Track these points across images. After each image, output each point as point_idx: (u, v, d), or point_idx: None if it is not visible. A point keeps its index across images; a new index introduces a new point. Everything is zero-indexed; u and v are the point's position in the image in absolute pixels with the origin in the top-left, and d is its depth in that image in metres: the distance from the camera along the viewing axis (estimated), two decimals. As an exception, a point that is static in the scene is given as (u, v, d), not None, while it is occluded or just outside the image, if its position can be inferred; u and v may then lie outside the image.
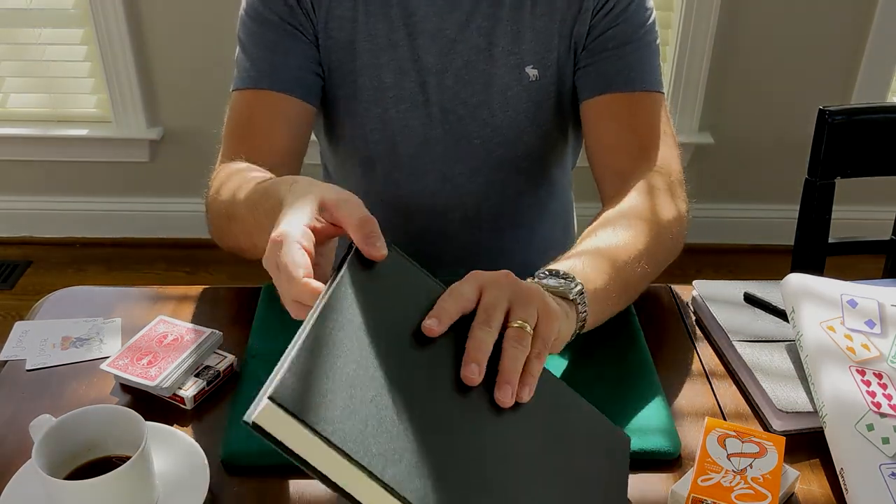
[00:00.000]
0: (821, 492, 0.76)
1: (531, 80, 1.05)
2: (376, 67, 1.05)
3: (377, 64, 1.05)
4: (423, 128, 1.08)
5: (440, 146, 1.09)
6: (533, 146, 1.10)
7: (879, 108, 1.26)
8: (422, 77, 1.05)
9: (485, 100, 1.06)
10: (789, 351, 0.89)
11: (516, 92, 1.05)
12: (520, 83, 1.05)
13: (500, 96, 1.06)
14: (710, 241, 2.62)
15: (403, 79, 1.05)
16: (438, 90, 1.06)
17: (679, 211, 0.99)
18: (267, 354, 0.89)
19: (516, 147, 1.09)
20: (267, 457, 0.77)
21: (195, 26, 2.34)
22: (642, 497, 0.75)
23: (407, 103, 1.06)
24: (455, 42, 1.04)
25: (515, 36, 1.04)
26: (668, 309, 1.01)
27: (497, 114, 1.06)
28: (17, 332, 0.95)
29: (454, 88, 1.05)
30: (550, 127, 1.09)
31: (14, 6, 2.35)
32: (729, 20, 2.33)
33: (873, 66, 2.38)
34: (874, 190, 2.24)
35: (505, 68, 1.04)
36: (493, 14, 1.03)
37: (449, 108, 1.07)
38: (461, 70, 1.05)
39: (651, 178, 0.99)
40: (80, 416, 0.72)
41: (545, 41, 1.04)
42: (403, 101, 1.06)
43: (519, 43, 1.04)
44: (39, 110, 2.51)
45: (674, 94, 2.42)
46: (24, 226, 2.66)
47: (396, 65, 1.05)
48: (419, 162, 1.10)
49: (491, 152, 1.10)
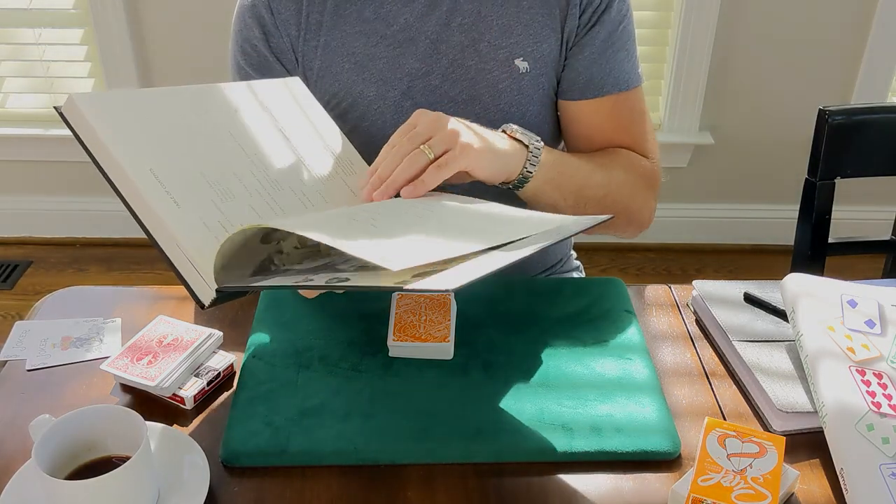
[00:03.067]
0: (821, 492, 0.76)
1: (521, 73, 1.05)
2: (357, 84, 1.06)
3: (358, 80, 1.05)
4: None
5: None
6: None
7: (879, 108, 1.26)
8: (405, 83, 1.05)
9: (475, 95, 1.06)
10: (789, 351, 0.89)
11: (507, 85, 1.06)
12: (510, 76, 1.05)
13: (491, 90, 1.06)
14: (710, 241, 2.62)
15: (386, 89, 1.05)
16: (425, 92, 1.06)
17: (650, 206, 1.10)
18: (267, 354, 0.89)
19: None
20: (267, 457, 0.78)
21: (195, 27, 2.34)
22: (642, 497, 0.75)
23: (391, 111, 1.06)
24: (437, 43, 1.04)
25: (504, 29, 1.04)
26: (668, 309, 1.01)
27: (489, 108, 1.06)
28: (17, 332, 0.95)
29: (442, 88, 1.06)
30: (541, 119, 1.10)
31: (14, 6, 2.35)
32: (729, 20, 2.33)
33: (873, 66, 2.38)
34: (874, 190, 2.25)
35: (494, 62, 1.05)
36: (475, 10, 1.03)
37: (439, 107, 1.06)
38: (447, 69, 1.05)
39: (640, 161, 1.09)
40: (80, 416, 0.72)
41: (535, 33, 1.04)
42: (387, 110, 1.06)
43: (507, 36, 1.04)
44: (39, 110, 2.51)
45: (674, 94, 2.42)
46: (24, 226, 2.66)
47: (377, 77, 1.05)
48: None
49: None
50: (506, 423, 0.81)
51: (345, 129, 1.08)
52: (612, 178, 1.04)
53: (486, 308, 0.97)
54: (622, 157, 1.08)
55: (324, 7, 1.04)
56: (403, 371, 0.87)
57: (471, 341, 0.91)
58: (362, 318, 0.95)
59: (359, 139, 1.08)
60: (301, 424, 0.80)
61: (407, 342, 0.88)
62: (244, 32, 1.06)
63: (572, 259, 1.31)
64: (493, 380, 0.86)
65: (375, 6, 1.04)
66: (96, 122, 0.79)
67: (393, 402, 0.83)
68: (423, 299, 0.93)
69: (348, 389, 0.85)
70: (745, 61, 2.40)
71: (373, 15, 1.04)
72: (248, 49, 1.06)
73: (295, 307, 0.96)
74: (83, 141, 0.80)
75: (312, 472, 0.77)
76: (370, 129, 1.07)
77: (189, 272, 0.77)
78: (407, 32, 1.04)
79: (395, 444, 0.79)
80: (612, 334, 0.93)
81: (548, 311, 0.97)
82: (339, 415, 0.81)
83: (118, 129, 0.80)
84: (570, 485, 0.76)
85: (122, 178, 0.79)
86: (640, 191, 1.08)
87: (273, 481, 0.76)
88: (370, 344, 0.91)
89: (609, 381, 0.87)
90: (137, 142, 0.81)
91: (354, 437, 0.79)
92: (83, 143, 0.80)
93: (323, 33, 1.05)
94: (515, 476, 0.77)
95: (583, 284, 1.05)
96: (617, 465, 0.78)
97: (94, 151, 0.80)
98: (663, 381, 0.88)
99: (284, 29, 1.05)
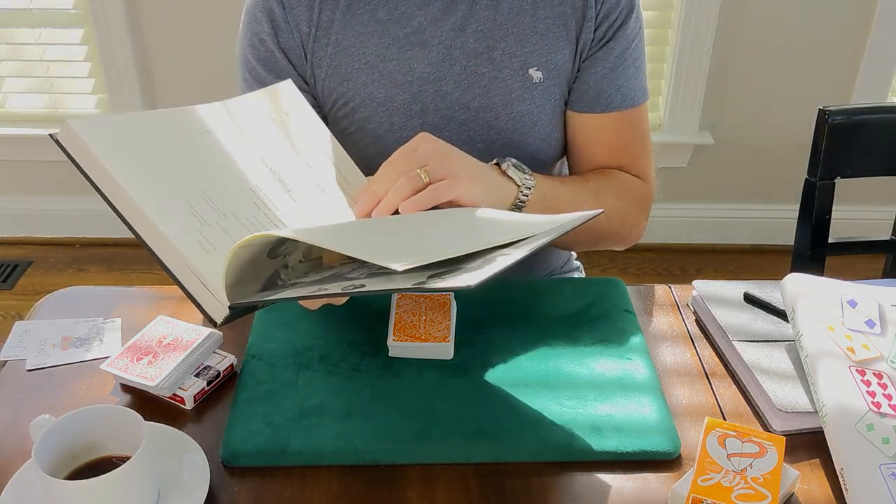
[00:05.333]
0: (821, 492, 0.76)
1: (535, 83, 1.05)
2: (367, 84, 1.05)
3: (368, 81, 1.05)
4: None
5: None
6: (536, 148, 1.10)
7: (879, 108, 1.26)
8: (416, 87, 1.05)
9: (487, 103, 1.05)
10: (789, 351, 0.89)
11: (520, 94, 1.05)
12: (523, 85, 1.05)
13: (504, 98, 1.05)
14: (710, 241, 2.62)
15: (396, 91, 1.05)
16: (437, 98, 1.05)
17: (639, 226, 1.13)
18: (267, 354, 0.89)
19: (520, 149, 1.09)
20: (267, 457, 0.78)
21: (195, 26, 2.34)
22: (642, 497, 0.75)
23: (400, 115, 1.06)
24: (451, 48, 1.04)
25: (519, 38, 1.03)
26: (668, 309, 1.01)
27: (500, 116, 1.06)
28: (17, 332, 0.95)
29: (453, 94, 1.05)
30: (552, 128, 1.09)
31: (14, 6, 2.35)
32: (729, 20, 2.33)
33: (873, 66, 2.38)
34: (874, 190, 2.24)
35: (508, 70, 1.04)
36: (491, 17, 1.03)
37: (450, 114, 1.06)
38: (460, 75, 1.04)
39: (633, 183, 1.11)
40: (80, 416, 0.72)
41: (550, 44, 1.04)
42: (396, 113, 1.06)
43: (522, 45, 1.04)
44: (39, 110, 2.51)
45: (674, 94, 2.42)
46: (24, 226, 2.66)
47: (388, 79, 1.05)
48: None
49: (494, 155, 1.10)
50: (506, 423, 0.81)
51: (350, 128, 1.07)
52: (604, 205, 1.04)
53: (486, 308, 0.97)
54: (615, 182, 1.09)
55: (336, 5, 1.04)
56: (403, 371, 0.87)
57: (471, 341, 0.91)
58: (362, 318, 0.95)
59: (364, 140, 1.08)
60: (301, 424, 0.80)
61: (407, 342, 0.88)
62: (253, 26, 1.06)
63: (573, 259, 1.32)
64: (493, 380, 0.86)
65: (390, 7, 1.03)
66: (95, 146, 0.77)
67: (393, 402, 0.83)
68: (423, 299, 0.93)
69: (348, 389, 0.85)
70: (745, 61, 2.40)
71: (387, 16, 1.03)
72: (257, 43, 1.06)
73: (295, 307, 0.96)
74: (81, 167, 0.77)
75: (312, 472, 0.77)
76: (377, 131, 1.07)
77: (200, 292, 0.76)
78: (420, 35, 1.03)
79: (395, 444, 0.79)
80: (612, 334, 0.93)
81: (548, 311, 0.97)
82: (339, 415, 0.81)
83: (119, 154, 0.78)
84: (570, 485, 0.76)
85: (128, 205, 0.77)
86: (632, 213, 1.11)
87: (273, 481, 0.76)
88: (370, 344, 0.91)
89: (609, 381, 0.87)
90: (140, 165, 0.79)
91: (354, 437, 0.79)
92: (81, 169, 0.77)
93: (334, 31, 1.04)
94: (515, 476, 0.77)
95: (583, 284, 1.05)
96: (617, 465, 0.78)
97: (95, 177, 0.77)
98: (663, 381, 0.88)
99: (295, 25, 1.04)
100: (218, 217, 0.80)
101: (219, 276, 0.73)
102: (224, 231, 0.79)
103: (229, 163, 0.86)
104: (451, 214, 0.87)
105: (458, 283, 0.66)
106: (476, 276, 0.67)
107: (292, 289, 0.75)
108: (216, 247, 0.77)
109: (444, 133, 1.07)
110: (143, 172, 0.79)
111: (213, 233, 0.79)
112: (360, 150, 1.06)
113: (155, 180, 0.79)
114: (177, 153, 0.83)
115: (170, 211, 0.78)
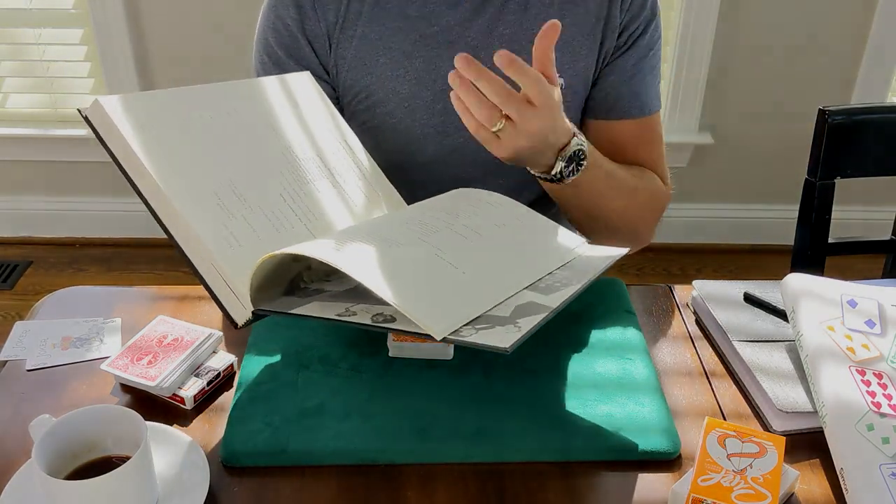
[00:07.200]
0: (821, 492, 0.76)
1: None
2: (391, 80, 1.05)
3: (392, 76, 1.05)
4: (439, 136, 1.08)
5: (457, 154, 1.09)
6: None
7: (879, 108, 1.26)
8: (439, 85, 1.05)
9: None
10: (789, 351, 0.89)
11: None
12: None
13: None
14: (710, 241, 2.62)
15: (420, 89, 1.05)
16: None
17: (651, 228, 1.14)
18: (267, 354, 0.89)
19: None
20: (267, 457, 0.78)
21: (195, 26, 2.34)
22: (642, 497, 0.75)
23: (423, 112, 1.06)
24: (477, 49, 1.03)
25: None
26: (668, 309, 1.01)
27: None
28: (17, 332, 0.95)
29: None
30: None
31: (14, 6, 2.35)
32: (729, 20, 2.33)
33: (873, 66, 2.38)
34: (874, 190, 2.25)
35: None
36: (518, 21, 1.03)
37: None
38: None
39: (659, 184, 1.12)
40: (80, 416, 0.72)
41: (574, 50, 1.04)
42: (419, 110, 1.06)
43: None
44: (39, 110, 2.51)
45: (674, 94, 2.42)
46: (24, 226, 2.66)
47: (413, 75, 1.05)
48: (435, 168, 1.10)
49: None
50: (506, 423, 0.81)
51: (370, 122, 1.07)
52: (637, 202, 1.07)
53: (486, 308, 0.97)
54: (647, 177, 1.10)
55: None
56: (403, 371, 0.87)
57: (471, 341, 0.91)
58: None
59: (383, 134, 1.07)
60: (301, 424, 0.80)
61: (407, 342, 0.88)
62: (279, 9, 1.05)
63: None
64: (492, 380, 0.86)
65: (419, 4, 1.03)
66: (126, 129, 0.75)
67: (393, 402, 0.83)
68: None
69: (348, 389, 0.85)
70: (745, 61, 2.40)
71: (416, 13, 1.03)
72: (280, 27, 1.05)
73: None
74: (110, 148, 0.77)
75: (312, 472, 0.77)
76: (398, 126, 1.07)
77: (224, 292, 0.76)
78: (448, 35, 1.03)
79: (395, 444, 0.79)
80: (612, 334, 0.93)
81: (548, 311, 0.97)
82: (339, 415, 0.81)
83: (147, 136, 0.77)
84: (569, 485, 0.76)
85: (155, 193, 0.76)
86: (653, 216, 1.12)
87: (273, 481, 0.76)
88: (370, 344, 0.91)
89: (609, 381, 0.87)
90: (169, 149, 0.78)
91: (354, 437, 0.79)
92: (109, 149, 0.77)
93: (361, 24, 1.04)
94: (515, 476, 0.77)
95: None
96: (617, 465, 0.78)
97: (121, 158, 0.77)
98: (663, 381, 0.88)
99: (322, 14, 1.04)
100: (244, 210, 0.79)
101: (242, 275, 0.72)
102: (250, 226, 0.78)
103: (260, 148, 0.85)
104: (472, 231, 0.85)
105: (493, 341, 0.67)
106: (510, 336, 0.68)
107: (318, 302, 0.74)
108: (241, 243, 0.77)
109: (464, 134, 1.07)
110: (171, 158, 0.78)
111: (239, 227, 0.78)
112: (377, 144, 1.06)
113: (181, 167, 0.78)
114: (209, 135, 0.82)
115: (195, 203, 0.77)
